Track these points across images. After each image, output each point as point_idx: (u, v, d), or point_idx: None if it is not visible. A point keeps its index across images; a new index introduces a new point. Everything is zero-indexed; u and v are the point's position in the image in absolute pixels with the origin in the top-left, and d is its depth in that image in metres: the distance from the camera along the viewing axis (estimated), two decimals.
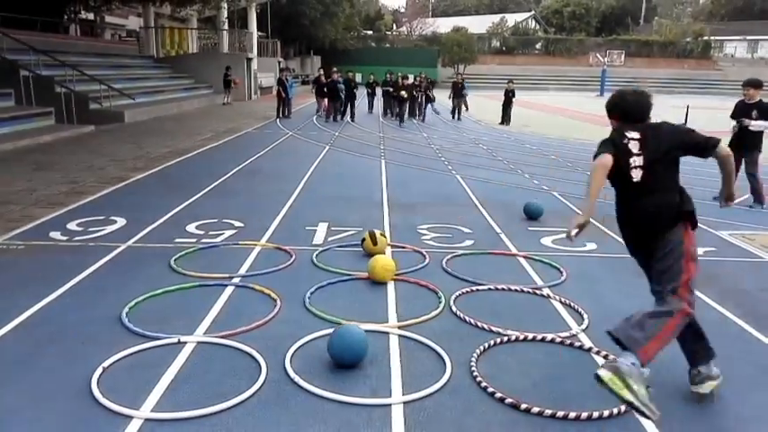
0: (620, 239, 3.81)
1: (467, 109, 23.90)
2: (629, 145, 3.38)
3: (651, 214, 3.35)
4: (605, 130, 4.58)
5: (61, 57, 17.74)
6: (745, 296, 5.11)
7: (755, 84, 8.60)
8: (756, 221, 7.87)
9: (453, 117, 22.93)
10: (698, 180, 9.73)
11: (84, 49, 22.59)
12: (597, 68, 53.11)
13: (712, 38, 63.72)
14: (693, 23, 66.88)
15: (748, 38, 64.40)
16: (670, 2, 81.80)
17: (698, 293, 5.05)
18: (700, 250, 6.43)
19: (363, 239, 5.86)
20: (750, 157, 8.59)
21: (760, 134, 8.56)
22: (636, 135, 3.40)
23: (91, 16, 32.27)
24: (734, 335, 4.36)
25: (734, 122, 8.65)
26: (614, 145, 3.42)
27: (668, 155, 3.35)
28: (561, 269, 5.55)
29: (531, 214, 7.52)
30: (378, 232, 5.92)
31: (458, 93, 23.14)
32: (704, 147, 3.34)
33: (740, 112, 8.62)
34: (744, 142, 8.44)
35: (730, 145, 8.69)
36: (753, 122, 8.38)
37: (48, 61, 17.00)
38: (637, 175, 3.35)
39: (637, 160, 3.36)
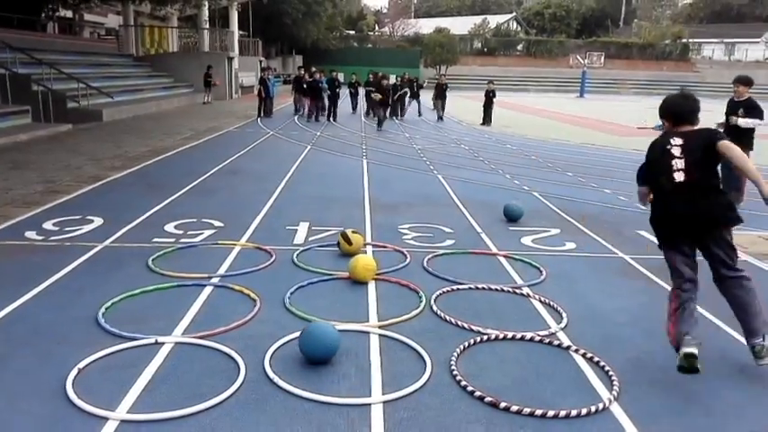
0: (599, 239, 3.83)
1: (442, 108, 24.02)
2: (673, 150, 3.71)
3: (695, 214, 3.60)
4: (584, 131, 4.62)
5: (38, 55, 17.47)
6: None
7: (744, 81, 8.49)
8: None
9: (439, 119, 22.67)
10: None
11: (62, 48, 22.29)
12: (577, 70, 53.54)
13: (691, 40, 64.58)
14: (672, 26, 67.70)
15: (726, 41, 65.42)
16: (649, 5, 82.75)
17: None
18: None
19: (338, 243, 5.84)
20: None
21: (749, 132, 8.39)
22: (679, 141, 3.73)
23: (69, 14, 31.86)
24: (711, 334, 4.37)
25: (721, 121, 8.50)
26: (660, 149, 3.80)
27: (703, 159, 3.64)
28: (541, 268, 5.58)
29: (511, 216, 7.45)
30: (350, 231, 5.89)
31: (441, 94, 22.89)
32: (714, 143, 3.63)
33: (729, 110, 8.54)
34: (733, 141, 8.42)
35: None
36: (740, 120, 8.25)
37: (24, 59, 16.74)
38: (679, 176, 3.64)
39: (678, 163, 3.65)
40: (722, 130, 8.31)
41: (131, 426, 2.99)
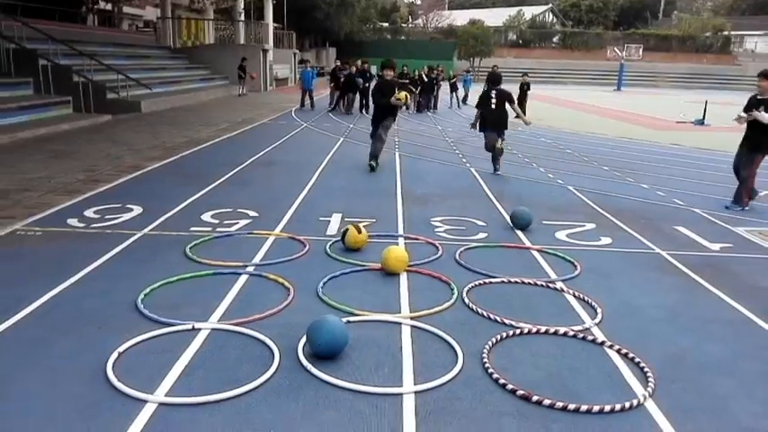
0: (635, 234, 3.79)
1: (460, 103, 24.16)
2: (492, 94, 9.81)
3: (498, 120, 9.85)
4: (621, 125, 4.54)
5: (79, 46, 17.86)
6: (761, 293, 5.05)
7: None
8: None
9: None
10: (724, 177, 9.68)
11: (101, 39, 22.72)
12: (615, 63, 52.60)
13: (732, 32, 62.81)
14: (713, 18, 65.96)
15: None
16: None
17: (713, 289, 5.06)
18: (716, 246, 6.43)
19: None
20: (748, 156, 7.95)
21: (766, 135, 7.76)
22: (494, 92, 9.81)
23: (109, 7, 32.47)
24: (748, 331, 4.32)
25: (739, 114, 8.02)
26: (485, 95, 9.99)
27: (504, 100, 9.81)
28: (575, 263, 5.52)
29: (519, 224, 6.73)
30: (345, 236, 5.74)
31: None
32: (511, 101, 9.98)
33: (748, 108, 7.95)
34: (749, 139, 7.96)
35: (742, 144, 8.15)
36: (757, 114, 7.64)
37: (66, 51, 17.13)
38: (494, 105, 9.77)
39: (494, 100, 9.75)
40: (741, 124, 8.02)
41: (169, 408, 3.06)
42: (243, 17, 33.39)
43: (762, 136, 7.81)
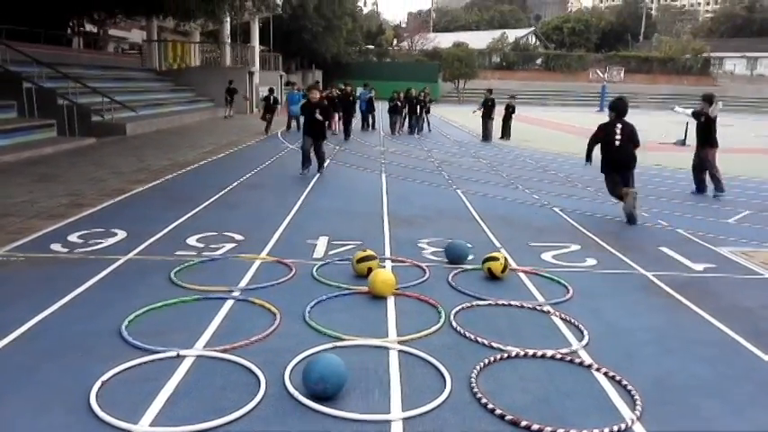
0: (620, 255, 3.81)
1: (429, 129, 23.65)
2: (616, 129, 8.24)
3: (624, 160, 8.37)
4: None
5: (64, 69, 17.83)
6: (745, 313, 5.10)
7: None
8: (757, 238, 7.87)
9: (486, 139, 20.90)
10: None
11: (86, 62, 22.70)
12: (597, 84, 53.38)
13: (712, 54, 64.09)
14: (693, 41, 67.28)
15: (747, 55, 64.80)
16: (670, 18, 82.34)
17: (698, 310, 5.09)
18: (700, 266, 6.48)
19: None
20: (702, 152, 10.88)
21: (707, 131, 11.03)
22: (618, 126, 8.24)
23: (94, 29, 32.47)
24: (734, 352, 4.35)
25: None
26: (609, 128, 8.34)
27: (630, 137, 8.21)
28: (567, 286, 5.51)
29: (455, 258, 6.22)
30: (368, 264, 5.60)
31: (488, 112, 20.84)
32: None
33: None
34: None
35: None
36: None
37: (50, 73, 17.07)
38: (618, 141, 8.22)
39: (618, 136, 8.21)
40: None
41: None
42: (229, 40, 33.53)
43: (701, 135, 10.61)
